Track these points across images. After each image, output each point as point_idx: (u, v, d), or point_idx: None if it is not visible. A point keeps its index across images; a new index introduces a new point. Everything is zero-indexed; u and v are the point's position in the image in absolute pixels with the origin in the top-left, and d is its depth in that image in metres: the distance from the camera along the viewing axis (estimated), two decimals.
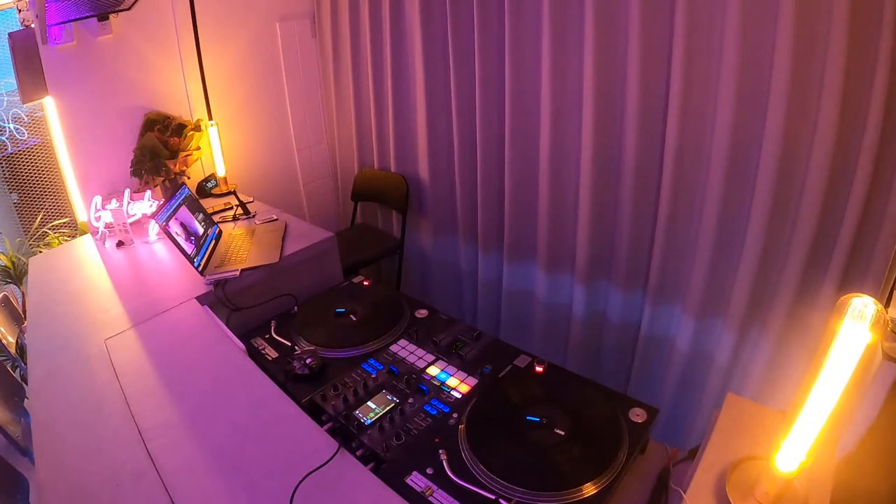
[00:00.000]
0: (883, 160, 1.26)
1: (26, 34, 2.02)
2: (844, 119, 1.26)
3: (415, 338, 1.33)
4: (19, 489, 1.29)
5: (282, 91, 2.73)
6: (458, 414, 1.07)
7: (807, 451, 0.73)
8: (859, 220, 1.32)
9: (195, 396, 1.20)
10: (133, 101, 2.26)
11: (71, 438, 1.12)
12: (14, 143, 2.63)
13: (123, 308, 1.56)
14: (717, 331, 1.67)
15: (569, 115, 1.79)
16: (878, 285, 1.32)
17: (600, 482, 0.89)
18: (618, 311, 1.91)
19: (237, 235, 1.91)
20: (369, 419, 1.08)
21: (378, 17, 2.32)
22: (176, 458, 1.02)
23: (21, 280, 2.49)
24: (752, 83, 1.39)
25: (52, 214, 2.71)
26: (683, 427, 1.81)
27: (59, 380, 1.31)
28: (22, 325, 1.88)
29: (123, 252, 1.92)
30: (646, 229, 1.75)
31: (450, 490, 0.90)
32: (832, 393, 0.68)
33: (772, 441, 0.76)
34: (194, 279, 1.63)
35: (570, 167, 1.86)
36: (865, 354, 0.65)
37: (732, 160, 1.48)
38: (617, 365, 1.99)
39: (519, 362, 1.22)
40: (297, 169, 2.91)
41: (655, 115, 1.60)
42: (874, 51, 1.20)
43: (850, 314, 0.64)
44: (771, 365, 1.57)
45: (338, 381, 1.20)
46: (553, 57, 1.74)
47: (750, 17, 1.34)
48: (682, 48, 1.47)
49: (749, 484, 0.81)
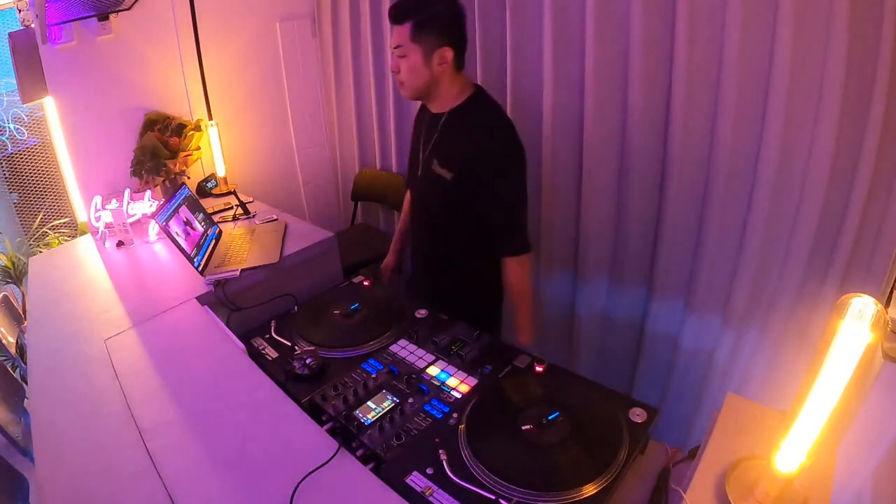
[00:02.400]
0: (883, 159, 1.26)
1: (26, 34, 2.02)
2: (845, 118, 1.26)
3: (415, 338, 1.33)
4: (19, 489, 1.30)
5: (282, 91, 2.73)
6: (458, 414, 1.07)
7: (807, 451, 0.73)
8: (860, 219, 1.32)
9: (195, 396, 1.20)
10: (133, 101, 2.26)
11: (71, 438, 1.12)
12: (14, 143, 2.64)
13: (123, 308, 1.56)
14: (717, 330, 1.67)
15: (571, 113, 1.79)
16: (878, 285, 1.31)
17: (600, 482, 0.89)
18: (620, 310, 1.91)
19: (237, 235, 1.91)
20: (369, 419, 1.08)
21: (378, 17, 2.32)
22: (176, 458, 1.02)
23: (21, 280, 2.49)
24: (754, 83, 1.39)
25: (52, 214, 2.71)
26: (683, 427, 1.81)
27: (59, 380, 1.31)
28: (22, 325, 1.88)
29: (123, 252, 1.92)
30: (648, 228, 1.75)
31: (450, 490, 0.90)
32: (832, 393, 0.68)
33: (772, 441, 0.76)
34: (194, 279, 1.63)
35: (573, 166, 1.86)
36: (865, 354, 0.65)
37: (734, 159, 1.48)
38: (619, 364, 1.99)
39: (519, 362, 1.22)
40: (297, 169, 2.91)
41: (658, 113, 1.60)
42: (875, 50, 1.20)
43: (851, 314, 0.64)
44: (771, 365, 1.57)
45: (338, 381, 1.20)
46: (555, 55, 1.74)
47: (750, 18, 1.34)
48: (683, 48, 1.47)
49: (749, 484, 0.81)
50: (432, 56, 1.29)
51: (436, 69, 1.31)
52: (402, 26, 1.28)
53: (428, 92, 1.37)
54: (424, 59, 1.29)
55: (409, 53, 1.30)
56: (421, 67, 1.30)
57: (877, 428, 1.06)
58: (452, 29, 1.31)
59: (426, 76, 1.32)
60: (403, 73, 1.33)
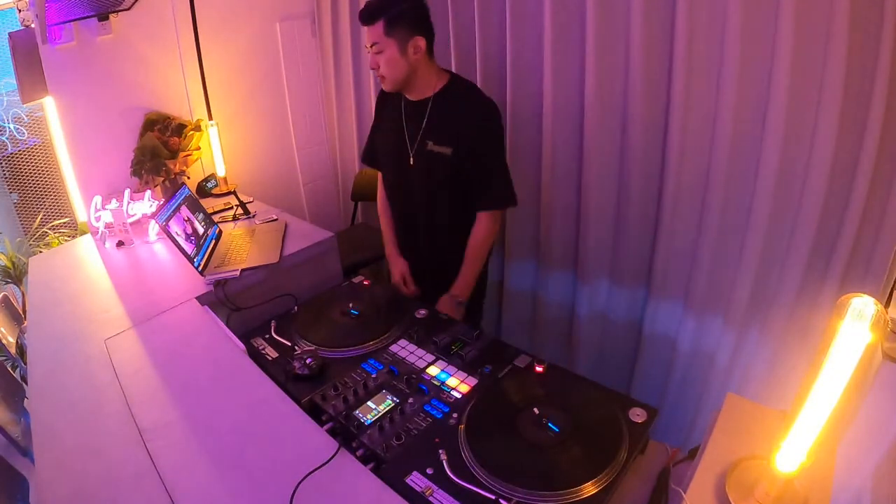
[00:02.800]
0: (883, 160, 1.26)
1: (26, 34, 2.02)
2: (845, 118, 1.27)
3: (415, 338, 1.33)
4: (19, 489, 1.29)
5: (282, 91, 2.73)
6: (458, 414, 1.07)
7: (807, 451, 0.73)
8: (860, 219, 1.32)
9: (195, 396, 1.20)
10: (133, 101, 2.26)
11: (71, 438, 1.12)
12: (14, 143, 2.64)
13: (123, 308, 1.56)
14: (717, 330, 1.67)
15: (571, 114, 1.79)
16: (878, 285, 1.32)
17: (600, 482, 0.89)
18: (620, 311, 1.91)
19: (237, 235, 1.91)
20: (369, 419, 1.08)
21: None
22: (176, 458, 1.02)
23: (21, 280, 2.49)
24: (754, 83, 1.39)
25: (52, 214, 2.71)
26: (683, 427, 1.81)
27: (59, 380, 1.31)
28: (22, 325, 1.88)
29: (123, 252, 1.92)
30: (648, 228, 1.75)
31: (450, 490, 0.90)
32: (832, 393, 0.68)
33: (772, 441, 0.76)
34: (194, 279, 1.63)
35: (573, 166, 1.86)
36: (865, 354, 0.65)
37: (734, 159, 1.48)
38: (619, 364, 1.99)
39: (519, 362, 1.22)
40: (297, 169, 2.91)
41: (658, 113, 1.61)
42: (875, 50, 1.20)
43: (851, 314, 0.64)
44: (771, 365, 1.57)
45: (338, 381, 1.20)
46: (554, 56, 1.74)
47: (750, 18, 1.34)
48: (683, 49, 1.47)
49: (749, 484, 0.81)
50: (407, 47, 1.42)
51: (412, 58, 1.44)
52: (375, 25, 1.40)
53: (408, 81, 1.49)
54: (400, 51, 1.42)
55: (385, 49, 1.42)
56: (398, 59, 1.43)
57: (877, 428, 1.06)
58: (421, 20, 1.44)
59: (404, 66, 1.45)
60: (383, 67, 1.45)
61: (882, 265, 1.32)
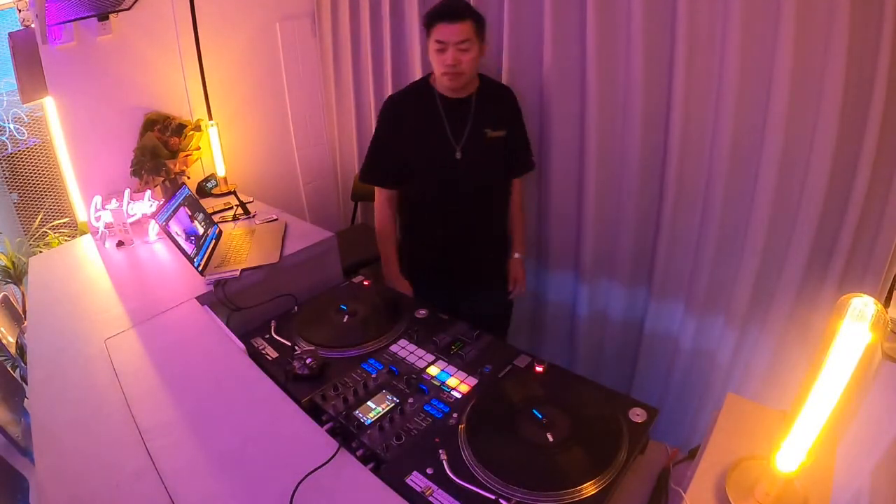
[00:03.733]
0: (883, 159, 1.26)
1: (26, 34, 2.02)
2: (845, 118, 1.26)
3: (415, 338, 1.33)
4: (19, 489, 1.29)
5: (282, 91, 2.73)
6: (458, 414, 1.07)
7: (807, 451, 0.73)
8: (859, 219, 1.32)
9: (195, 396, 1.20)
10: (133, 101, 2.26)
11: (71, 438, 1.12)
12: (14, 143, 2.64)
13: (123, 308, 1.56)
14: (717, 330, 1.67)
15: (572, 114, 1.79)
16: (878, 285, 1.32)
17: (600, 482, 0.89)
18: (620, 310, 1.91)
19: (237, 235, 1.91)
20: (369, 419, 1.08)
21: (378, 17, 2.32)
22: (176, 458, 1.02)
23: (21, 280, 2.49)
24: (754, 83, 1.39)
25: (52, 214, 2.71)
26: (684, 427, 1.81)
27: (59, 380, 1.31)
28: (22, 325, 1.88)
29: (123, 252, 1.92)
30: (649, 227, 1.75)
31: (450, 490, 0.90)
32: (832, 393, 0.68)
33: (772, 441, 0.76)
34: (194, 279, 1.63)
35: (573, 166, 1.86)
36: (865, 354, 0.65)
37: (734, 159, 1.48)
38: (619, 364, 1.99)
39: (519, 362, 1.22)
40: (297, 169, 2.91)
41: (658, 113, 1.60)
42: (875, 50, 1.20)
43: (850, 314, 0.64)
44: (771, 365, 1.57)
45: (338, 381, 1.20)
46: (554, 57, 1.74)
47: (751, 18, 1.34)
48: (683, 48, 1.47)
49: (749, 484, 0.81)
50: (483, 49, 1.56)
51: (480, 60, 1.58)
52: (464, 23, 1.47)
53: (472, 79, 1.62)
54: (480, 52, 1.55)
55: (471, 48, 1.51)
56: (477, 59, 1.56)
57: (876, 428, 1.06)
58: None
59: (477, 66, 1.58)
60: (465, 64, 1.52)
61: (881, 265, 1.32)
